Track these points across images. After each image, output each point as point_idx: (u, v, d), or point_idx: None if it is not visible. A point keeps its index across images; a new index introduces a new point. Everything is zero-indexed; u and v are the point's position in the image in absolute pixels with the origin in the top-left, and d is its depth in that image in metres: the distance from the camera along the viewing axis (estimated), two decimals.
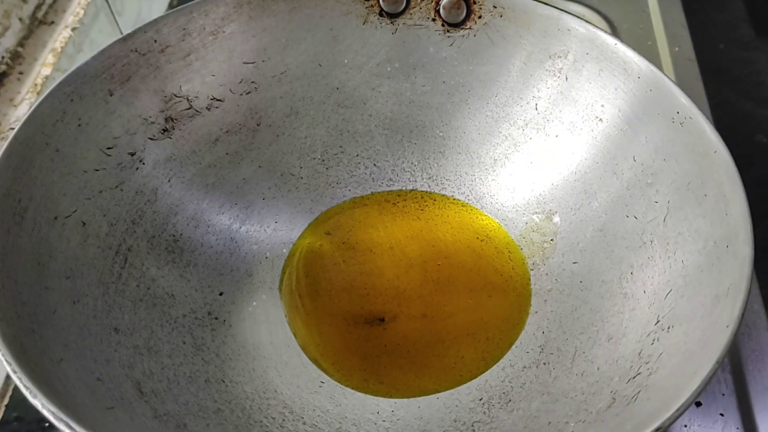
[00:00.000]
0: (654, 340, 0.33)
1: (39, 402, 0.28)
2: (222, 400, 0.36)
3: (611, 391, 0.33)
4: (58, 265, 0.35)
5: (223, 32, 0.43)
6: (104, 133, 0.39)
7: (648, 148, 0.39)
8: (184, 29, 0.42)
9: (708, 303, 0.32)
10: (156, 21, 0.41)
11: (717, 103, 0.53)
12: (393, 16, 0.44)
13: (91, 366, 0.33)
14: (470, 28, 0.44)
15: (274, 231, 0.44)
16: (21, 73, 0.53)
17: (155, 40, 0.41)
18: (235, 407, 0.36)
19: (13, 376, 0.29)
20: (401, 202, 0.46)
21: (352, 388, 0.38)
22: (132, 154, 0.40)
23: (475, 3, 0.43)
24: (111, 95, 0.40)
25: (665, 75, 0.38)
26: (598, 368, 0.35)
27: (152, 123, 0.41)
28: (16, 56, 0.53)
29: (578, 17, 0.41)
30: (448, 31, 0.44)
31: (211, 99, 0.43)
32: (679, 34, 0.61)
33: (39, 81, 0.53)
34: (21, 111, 0.51)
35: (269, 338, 0.40)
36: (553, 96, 0.43)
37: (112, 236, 0.38)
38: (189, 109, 0.43)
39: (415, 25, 0.44)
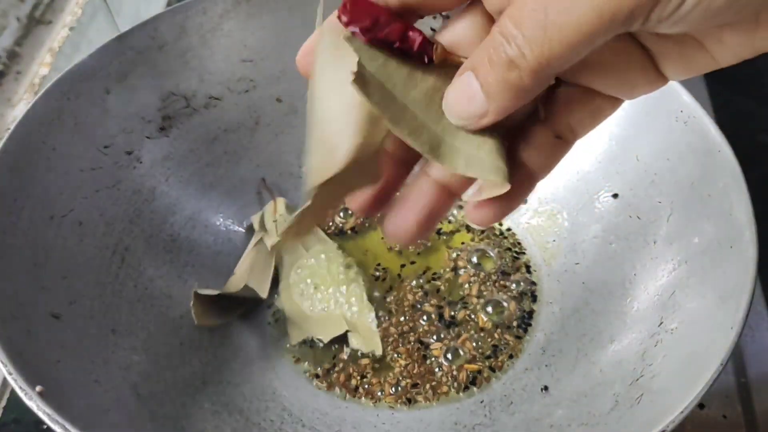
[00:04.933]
0: (657, 342, 0.33)
1: (35, 404, 0.28)
2: (220, 402, 0.36)
3: (614, 394, 0.33)
4: (55, 265, 0.35)
5: (221, 30, 0.42)
6: (101, 131, 0.39)
7: (651, 148, 0.38)
8: (182, 27, 0.41)
9: (712, 304, 0.32)
10: (153, 19, 0.41)
11: (719, 103, 0.53)
12: None
13: (87, 367, 0.33)
14: None
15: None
16: (18, 72, 0.53)
17: (153, 38, 0.41)
18: (233, 409, 0.35)
19: (9, 378, 0.29)
20: None
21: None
22: (129, 153, 0.40)
23: None
24: (108, 94, 0.39)
25: None
26: (600, 370, 0.35)
27: (149, 121, 0.41)
28: (13, 56, 0.53)
29: None
30: None
31: (209, 97, 0.43)
32: None
33: (36, 81, 0.52)
34: (18, 111, 0.51)
35: (268, 339, 0.40)
36: None
37: (109, 236, 0.38)
38: (187, 107, 0.42)
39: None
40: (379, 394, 0.37)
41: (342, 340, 0.39)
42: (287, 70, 0.44)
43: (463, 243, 0.43)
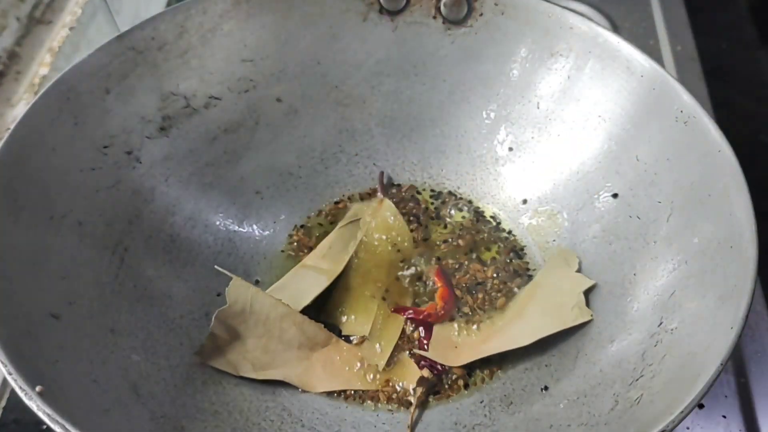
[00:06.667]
0: (657, 342, 0.33)
1: (35, 404, 0.28)
2: (220, 402, 0.36)
3: (614, 394, 0.33)
4: (54, 265, 0.35)
5: (221, 30, 0.42)
6: (101, 131, 0.39)
7: (651, 147, 0.38)
8: (182, 27, 0.41)
9: (712, 304, 0.32)
10: (153, 18, 0.41)
11: (719, 103, 0.53)
12: (393, 13, 0.44)
13: (87, 368, 0.33)
14: (471, 25, 0.44)
15: (272, 231, 0.44)
16: (18, 72, 0.53)
17: (153, 38, 0.41)
18: (233, 409, 0.35)
19: (9, 378, 0.29)
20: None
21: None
22: (129, 153, 0.40)
23: (476, 0, 0.43)
24: (107, 93, 0.39)
25: (669, 74, 0.38)
26: (600, 370, 0.35)
27: (149, 121, 0.41)
28: (13, 56, 0.53)
29: (581, 15, 0.41)
30: (448, 28, 0.44)
31: (209, 97, 0.43)
32: (682, 34, 0.61)
33: (36, 81, 0.52)
34: (18, 111, 0.51)
35: None
36: (555, 94, 0.43)
37: (109, 236, 0.38)
38: (187, 107, 0.42)
39: (415, 22, 0.44)
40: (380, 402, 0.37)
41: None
42: (287, 70, 0.44)
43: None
